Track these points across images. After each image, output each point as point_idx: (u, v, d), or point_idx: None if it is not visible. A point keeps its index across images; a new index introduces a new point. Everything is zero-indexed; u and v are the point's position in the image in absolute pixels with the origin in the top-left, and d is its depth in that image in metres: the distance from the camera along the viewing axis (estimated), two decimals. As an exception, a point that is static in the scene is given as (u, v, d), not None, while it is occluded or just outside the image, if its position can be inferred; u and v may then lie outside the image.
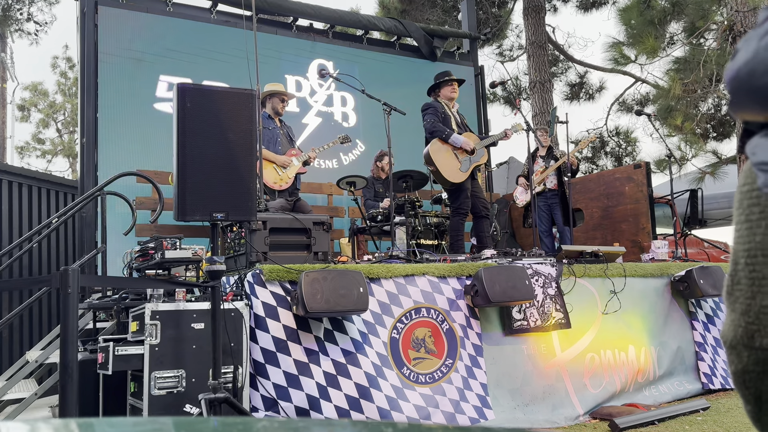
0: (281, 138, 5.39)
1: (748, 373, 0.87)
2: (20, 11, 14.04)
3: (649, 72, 11.21)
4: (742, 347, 0.87)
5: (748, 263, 0.87)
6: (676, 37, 8.27)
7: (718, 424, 3.70)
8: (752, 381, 0.87)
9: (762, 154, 0.88)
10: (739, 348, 0.88)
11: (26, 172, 6.54)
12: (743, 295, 0.87)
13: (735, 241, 0.91)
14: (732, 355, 0.90)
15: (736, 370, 0.89)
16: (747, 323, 0.87)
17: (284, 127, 5.55)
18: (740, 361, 0.88)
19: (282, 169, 5.25)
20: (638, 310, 4.68)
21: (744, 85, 0.87)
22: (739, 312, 0.88)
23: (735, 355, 0.89)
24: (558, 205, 6.59)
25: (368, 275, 3.62)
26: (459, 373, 3.78)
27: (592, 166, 13.60)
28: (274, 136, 5.34)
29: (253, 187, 3.00)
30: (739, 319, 0.88)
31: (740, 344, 0.88)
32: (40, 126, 21.55)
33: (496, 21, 12.67)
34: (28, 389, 4.39)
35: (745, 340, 0.87)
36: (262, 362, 3.24)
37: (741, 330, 0.88)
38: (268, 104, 5.43)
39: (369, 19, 8.05)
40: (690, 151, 8.68)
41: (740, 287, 0.88)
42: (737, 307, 0.89)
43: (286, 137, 5.49)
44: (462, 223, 5.32)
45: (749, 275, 0.87)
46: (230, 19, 6.88)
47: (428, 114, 5.45)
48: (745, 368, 0.87)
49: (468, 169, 5.28)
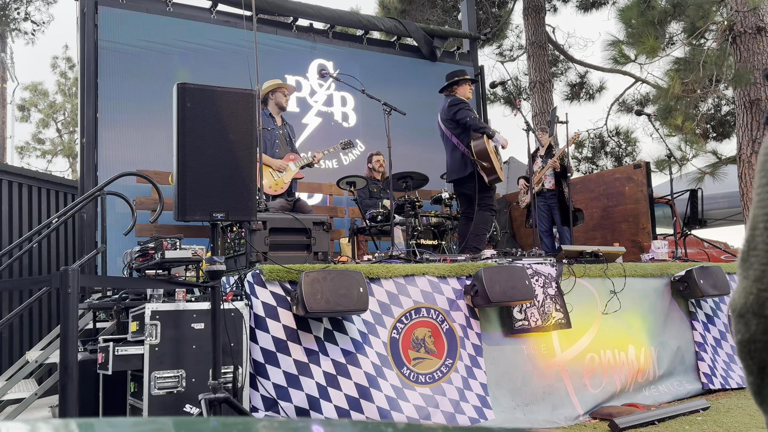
0: (279, 140, 5.34)
1: (755, 343, 0.86)
2: (17, 10, 14.04)
3: (649, 72, 11.22)
4: (751, 315, 0.87)
5: (767, 228, 0.85)
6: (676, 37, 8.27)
7: (718, 424, 3.70)
8: (758, 351, 0.86)
9: None
10: (747, 316, 0.87)
11: (26, 172, 6.54)
12: (758, 261, 0.86)
13: (755, 206, 0.89)
14: (740, 323, 0.89)
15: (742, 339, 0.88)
16: (759, 290, 0.86)
17: (285, 126, 5.49)
18: (747, 330, 0.87)
19: (278, 174, 5.20)
20: (638, 310, 4.68)
21: None
22: (752, 279, 0.87)
23: (743, 324, 0.88)
24: (557, 205, 6.60)
25: (368, 275, 3.62)
26: (459, 373, 3.78)
27: (592, 166, 13.60)
28: (273, 137, 5.27)
29: (253, 187, 3.00)
30: (752, 286, 0.87)
31: (749, 312, 0.87)
32: (40, 126, 21.56)
33: (496, 21, 12.67)
34: (28, 389, 4.39)
35: (756, 307, 0.86)
36: (262, 362, 3.24)
37: (752, 297, 0.87)
38: (271, 101, 5.36)
39: (369, 19, 8.04)
40: (690, 151, 8.67)
41: (756, 253, 0.87)
42: (750, 273, 0.87)
43: (285, 138, 5.43)
44: (492, 218, 5.41)
45: (766, 241, 0.85)
46: (230, 19, 6.88)
47: (464, 110, 5.41)
48: (753, 337, 0.86)
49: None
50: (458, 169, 5.44)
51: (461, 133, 5.40)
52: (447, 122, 5.48)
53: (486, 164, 5.27)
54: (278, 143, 5.31)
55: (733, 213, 10.09)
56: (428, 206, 6.51)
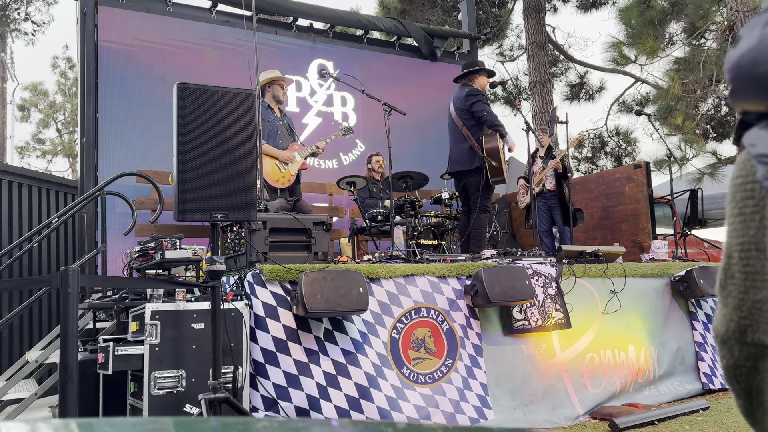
0: (281, 131, 5.29)
1: (740, 368, 0.87)
2: (18, 11, 14.03)
3: (649, 72, 11.20)
4: (734, 342, 0.87)
5: (741, 257, 0.86)
6: (676, 37, 8.27)
7: (718, 424, 3.70)
8: (743, 376, 0.86)
9: (762, 146, 0.86)
10: (730, 343, 0.88)
11: (26, 172, 6.54)
12: (736, 290, 0.86)
13: (728, 235, 0.90)
14: (723, 350, 0.89)
15: (727, 365, 0.89)
16: (739, 318, 0.86)
17: (284, 118, 5.44)
18: (732, 356, 0.87)
19: (284, 166, 5.16)
20: (638, 310, 4.68)
21: (746, 73, 0.86)
22: (731, 306, 0.87)
23: (727, 350, 0.89)
24: (557, 206, 6.59)
25: (368, 275, 3.62)
26: (459, 373, 3.78)
27: (592, 166, 13.60)
28: (275, 128, 5.21)
29: (253, 187, 3.00)
30: (732, 314, 0.87)
31: (732, 339, 0.87)
32: (40, 126, 21.56)
33: (496, 21, 12.67)
34: (28, 389, 4.39)
35: (737, 335, 0.86)
36: (262, 362, 3.24)
37: (733, 325, 0.87)
38: (268, 93, 5.30)
39: (369, 19, 8.04)
40: (690, 151, 8.68)
41: (733, 281, 0.87)
42: (729, 301, 0.88)
43: (287, 129, 5.38)
44: (487, 220, 5.36)
45: (743, 269, 0.86)
46: (230, 19, 6.88)
47: (483, 102, 5.27)
48: (737, 363, 0.87)
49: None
50: (464, 161, 5.32)
51: (474, 125, 5.27)
52: (461, 112, 5.34)
53: (495, 164, 5.19)
54: (280, 134, 5.25)
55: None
56: (428, 206, 6.51)
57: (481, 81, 5.45)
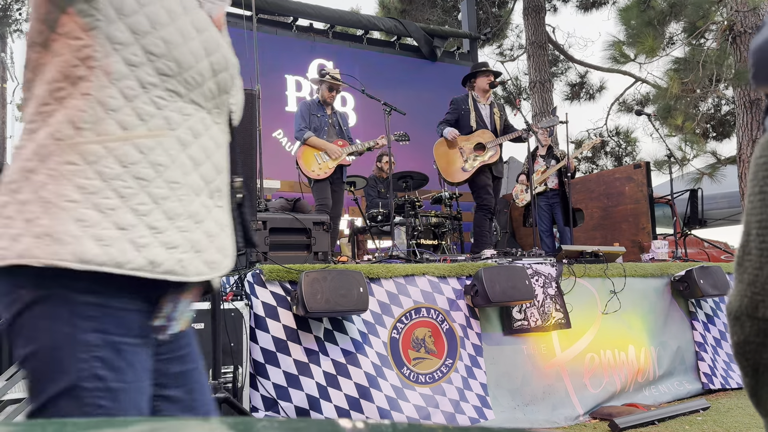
0: (328, 128, 5.33)
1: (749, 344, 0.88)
2: (19, 11, 14.04)
3: (649, 72, 11.23)
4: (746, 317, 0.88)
5: (759, 234, 0.87)
6: (675, 37, 8.27)
7: (718, 424, 3.70)
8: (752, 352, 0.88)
9: None
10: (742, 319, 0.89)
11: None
12: (752, 266, 0.88)
13: (747, 212, 0.91)
14: (735, 326, 0.90)
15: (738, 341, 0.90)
16: (753, 293, 0.87)
17: (335, 115, 5.46)
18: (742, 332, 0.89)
19: (324, 157, 5.20)
20: (638, 310, 4.68)
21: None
22: (746, 282, 0.89)
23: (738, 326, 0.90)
24: (559, 205, 6.59)
25: (368, 275, 3.62)
26: (459, 373, 3.78)
27: (592, 166, 13.60)
28: (322, 124, 5.29)
29: (252, 187, 3.00)
30: (746, 290, 0.89)
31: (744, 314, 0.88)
32: (40, 126, 21.54)
33: (496, 21, 12.68)
34: (28, 389, 4.38)
35: (749, 310, 0.88)
36: (262, 362, 3.24)
37: (746, 300, 0.88)
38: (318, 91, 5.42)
39: (369, 19, 8.05)
40: (690, 151, 8.68)
41: (750, 258, 0.89)
42: (745, 277, 0.89)
43: (334, 127, 5.41)
44: (485, 219, 5.31)
45: (759, 246, 0.87)
46: (230, 19, 6.87)
47: (447, 112, 5.43)
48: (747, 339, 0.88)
49: (473, 168, 5.25)
50: None
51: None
52: None
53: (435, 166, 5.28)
54: (327, 130, 5.30)
55: (733, 213, 10.10)
56: (428, 206, 6.51)
57: (481, 82, 5.48)
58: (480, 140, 5.29)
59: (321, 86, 5.37)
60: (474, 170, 5.25)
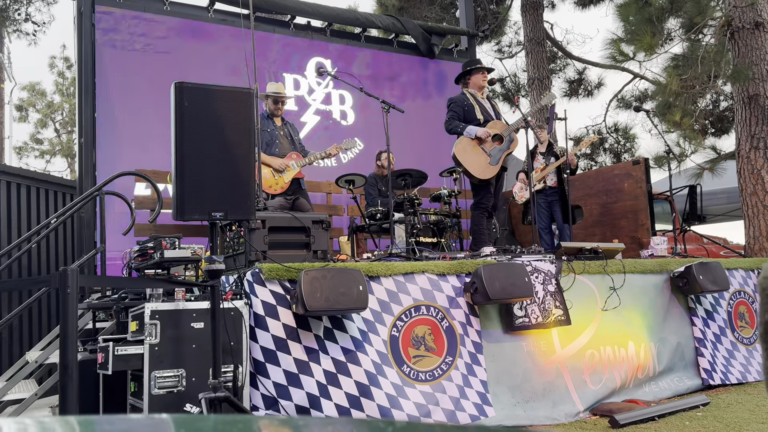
0: (280, 139, 5.33)
1: None
2: (18, 11, 13.99)
3: (647, 68, 11.19)
4: None
5: None
6: (674, 33, 8.26)
7: (717, 420, 3.70)
8: None
9: None
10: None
11: (25, 173, 6.52)
12: None
13: None
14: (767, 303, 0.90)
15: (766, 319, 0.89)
16: None
17: (285, 126, 5.47)
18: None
19: (278, 174, 5.21)
20: (638, 306, 4.68)
21: None
22: None
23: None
24: (558, 202, 6.58)
25: (368, 273, 3.62)
26: (459, 371, 3.78)
27: (591, 162, 13.59)
28: (273, 137, 5.28)
29: (251, 185, 3.00)
30: None
31: None
32: (38, 126, 21.52)
33: (494, 18, 12.65)
34: (28, 390, 4.39)
35: None
36: (262, 361, 3.24)
37: None
38: (265, 105, 5.40)
39: (367, 17, 8.03)
40: (689, 147, 8.67)
41: None
42: None
43: (287, 138, 5.42)
44: (483, 217, 5.30)
45: None
46: (228, 17, 6.87)
47: (449, 111, 5.38)
48: None
49: (499, 161, 5.24)
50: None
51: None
52: None
53: (460, 169, 5.24)
54: (279, 142, 5.30)
55: (732, 209, 10.08)
56: (427, 204, 6.51)
57: (476, 80, 5.45)
58: (496, 131, 5.29)
59: (267, 100, 5.36)
60: (500, 163, 5.26)
